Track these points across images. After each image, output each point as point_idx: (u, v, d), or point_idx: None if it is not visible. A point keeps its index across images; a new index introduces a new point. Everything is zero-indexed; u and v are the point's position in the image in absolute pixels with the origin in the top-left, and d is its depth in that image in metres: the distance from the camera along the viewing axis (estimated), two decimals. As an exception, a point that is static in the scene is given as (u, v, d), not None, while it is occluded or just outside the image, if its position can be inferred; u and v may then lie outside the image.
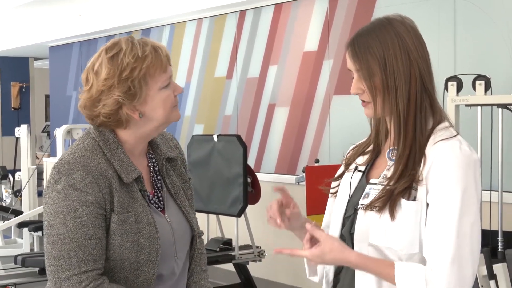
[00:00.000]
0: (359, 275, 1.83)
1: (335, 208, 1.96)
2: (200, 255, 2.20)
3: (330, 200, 2.03)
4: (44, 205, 1.94)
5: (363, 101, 1.86)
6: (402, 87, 1.79)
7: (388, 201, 1.77)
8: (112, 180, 1.93)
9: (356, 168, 1.94)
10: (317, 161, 5.26)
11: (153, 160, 2.10)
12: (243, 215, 5.26)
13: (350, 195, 1.91)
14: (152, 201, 2.04)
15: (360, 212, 1.84)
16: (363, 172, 1.93)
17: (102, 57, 1.97)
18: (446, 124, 1.84)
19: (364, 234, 1.81)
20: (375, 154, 1.93)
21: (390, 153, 1.86)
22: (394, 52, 1.79)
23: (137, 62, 1.94)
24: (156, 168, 2.10)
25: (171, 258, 2.04)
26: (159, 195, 2.07)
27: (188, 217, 2.11)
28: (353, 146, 2.02)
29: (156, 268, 1.97)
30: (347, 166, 1.98)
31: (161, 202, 2.07)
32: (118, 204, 1.92)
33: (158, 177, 2.10)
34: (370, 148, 1.94)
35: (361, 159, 1.95)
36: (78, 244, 1.87)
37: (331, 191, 2.01)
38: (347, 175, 1.96)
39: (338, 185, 1.99)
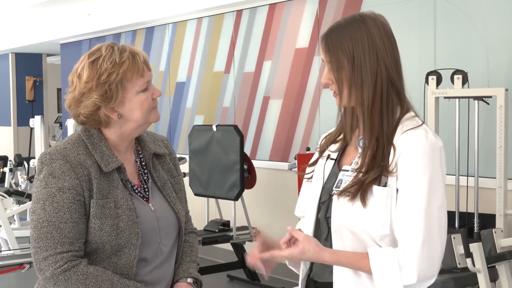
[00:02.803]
0: None
1: (310, 194, 1.95)
2: (191, 248, 2.18)
3: (306, 184, 2.02)
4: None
5: (334, 92, 1.85)
6: (368, 82, 1.77)
7: (360, 190, 1.76)
8: (91, 169, 1.93)
9: (329, 156, 1.93)
10: (308, 149, 5.26)
11: (141, 156, 2.10)
12: (240, 198, 5.27)
13: (324, 181, 1.90)
14: (137, 191, 2.03)
15: (334, 198, 1.83)
16: (335, 159, 1.92)
17: (84, 61, 1.98)
18: (412, 114, 1.83)
19: (339, 219, 1.81)
20: (346, 142, 1.92)
21: (361, 141, 1.84)
22: (363, 50, 1.77)
23: (114, 67, 1.93)
24: (143, 163, 2.09)
25: (154, 243, 2.02)
26: (145, 186, 2.06)
27: (174, 207, 2.09)
28: (325, 134, 2.01)
29: (137, 250, 1.95)
30: (321, 153, 1.97)
31: (147, 193, 2.06)
32: (97, 191, 1.92)
33: (145, 171, 2.09)
34: (341, 136, 1.94)
35: (333, 147, 1.94)
36: (55, 227, 1.88)
37: (306, 176, 2.01)
38: (321, 162, 1.95)
39: (313, 171, 1.98)
